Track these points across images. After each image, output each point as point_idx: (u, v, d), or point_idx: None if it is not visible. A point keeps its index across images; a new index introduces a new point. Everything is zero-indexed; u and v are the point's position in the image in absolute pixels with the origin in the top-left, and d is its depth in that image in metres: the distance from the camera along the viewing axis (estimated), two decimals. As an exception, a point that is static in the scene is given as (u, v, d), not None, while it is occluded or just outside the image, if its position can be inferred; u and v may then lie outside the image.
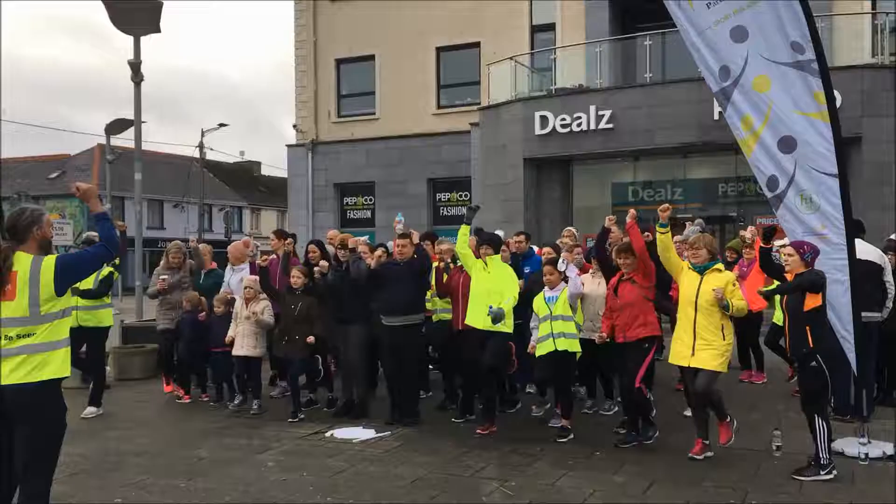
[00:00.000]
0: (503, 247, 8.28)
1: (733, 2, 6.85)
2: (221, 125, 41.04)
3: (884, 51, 16.14)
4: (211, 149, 59.37)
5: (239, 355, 8.79)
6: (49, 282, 4.20)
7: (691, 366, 6.46)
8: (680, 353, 6.53)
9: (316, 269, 8.58)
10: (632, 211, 7.10)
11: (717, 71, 6.97)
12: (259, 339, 8.84)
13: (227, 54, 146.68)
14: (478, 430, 7.54)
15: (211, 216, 51.62)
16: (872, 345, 7.66)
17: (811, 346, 5.97)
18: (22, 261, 4.22)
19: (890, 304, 7.82)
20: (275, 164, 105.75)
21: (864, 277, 7.04)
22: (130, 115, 16.75)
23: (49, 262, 4.24)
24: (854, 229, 6.80)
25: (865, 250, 7.44)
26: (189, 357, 9.46)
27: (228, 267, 10.06)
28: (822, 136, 6.59)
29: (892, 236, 9.22)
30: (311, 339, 8.25)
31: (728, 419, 6.53)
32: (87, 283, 8.50)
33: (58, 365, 4.27)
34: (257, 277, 9.09)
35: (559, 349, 7.20)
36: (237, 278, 9.63)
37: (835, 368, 6.11)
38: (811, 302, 5.97)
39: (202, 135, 41.12)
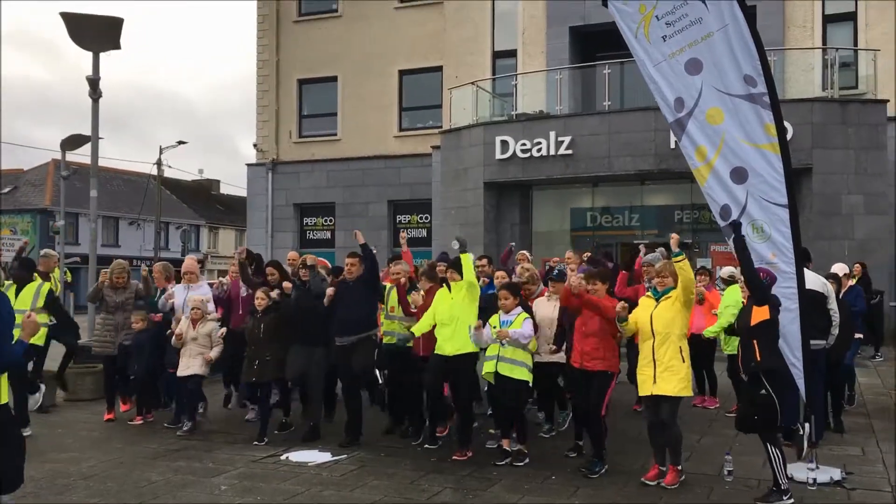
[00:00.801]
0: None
1: (688, 35, 7.04)
2: (180, 142, 40.68)
3: (834, 85, 16.67)
4: (169, 166, 58.81)
5: (185, 376, 8.67)
6: None
7: (654, 394, 6.53)
8: (644, 384, 6.61)
9: (284, 285, 8.56)
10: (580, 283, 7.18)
11: (672, 102, 7.13)
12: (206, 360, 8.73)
13: (185, 70, 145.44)
14: (454, 457, 7.46)
15: (167, 234, 50.97)
16: (819, 372, 7.82)
17: (758, 359, 6.11)
18: None
19: (835, 331, 8.00)
20: (234, 183, 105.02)
21: (810, 306, 7.20)
22: (84, 131, 16.49)
23: None
24: (802, 259, 6.97)
25: (810, 279, 7.60)
26: (146, 375, 9.28)
27: (181, 285, 9.64)
28: (772, 167, 6.78)
29: (833, 269, 9.48)
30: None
31: (680, 468, 6.58)
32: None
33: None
34: (204, 297, 9.02)
35: (500, 373, 7.23)
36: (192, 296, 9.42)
37: (782, 393, 6.24)
38: (758, 315, 6.14)
39: (160, 151, 40.65)
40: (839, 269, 9.76)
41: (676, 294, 6.53)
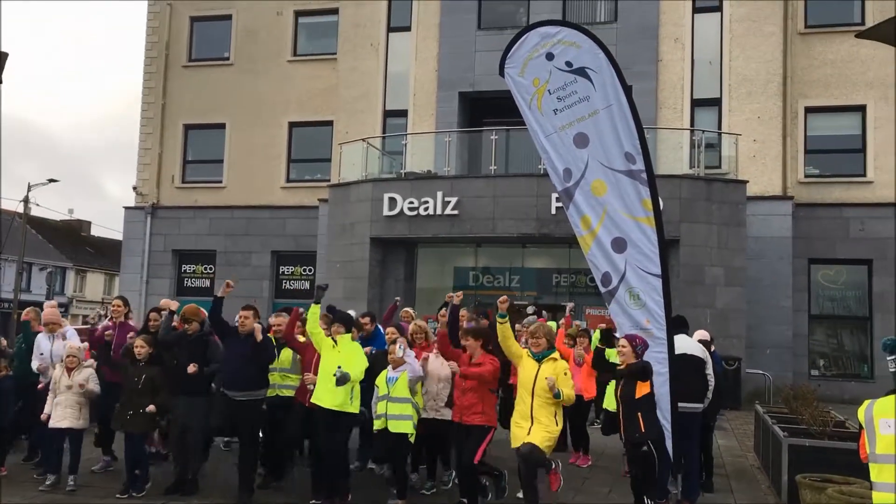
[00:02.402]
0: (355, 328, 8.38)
1: (577, 111, 7.55)
2: (51, 180, 38.75)
3: (700, 164, 17.95)
4: (37, 204, 55.86)
5: (59, 427, 8.22)
6: None
7: (525, 442, 6.75)
8: (517, 436, 6.80)
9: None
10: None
11: (561, 172, 7.59)
12: (83, 409, 8.33)
13: (53, 105, 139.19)
14: None
15: (30, 275, 48.14)
16: (696, 433, 8.21)
17: (642, 430, 6.48)
18: None
19: (710, 395, 8.44)
20: (105, 225, 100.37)
21: (689, 371, 7.65)
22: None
23: None
24: (673, 326, 7.46)
25: (688, 346, 8.03)
26: (9, 425, 8.77)
27: (44, 335, 9.17)
28: (648, 239, 7.30)
29: (698, 335, 10.06)
30: (151, 407, 7.93)
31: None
32: None
33: None
34: (82, 345, 8.68)
35: (391, 430, 7.35)
36: (60, 345, 8.96)
37: (660, 453, 6.62)
38: (641, 389, 6.52)
39: (29, 188, 38.64)
40: (703, 335, 10.37)
41: (557, 357, 6.84)
